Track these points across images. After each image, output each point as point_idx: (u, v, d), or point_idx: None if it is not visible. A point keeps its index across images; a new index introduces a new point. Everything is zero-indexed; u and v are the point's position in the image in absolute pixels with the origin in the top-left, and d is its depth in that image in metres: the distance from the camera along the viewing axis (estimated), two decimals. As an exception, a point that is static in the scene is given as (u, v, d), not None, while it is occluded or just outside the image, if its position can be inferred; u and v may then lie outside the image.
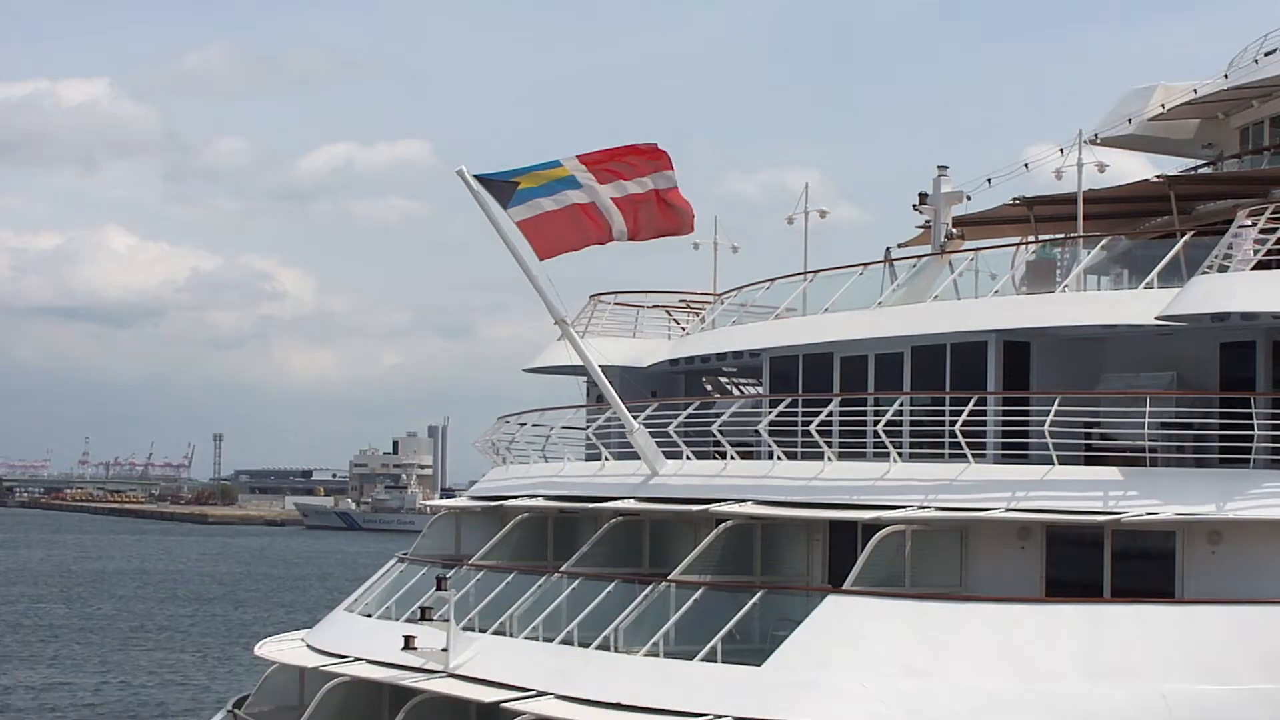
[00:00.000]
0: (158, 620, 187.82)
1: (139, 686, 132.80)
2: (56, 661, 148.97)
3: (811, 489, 33.51)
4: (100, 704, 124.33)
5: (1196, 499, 30.41)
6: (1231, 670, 28.57)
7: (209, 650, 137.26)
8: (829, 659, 29.40)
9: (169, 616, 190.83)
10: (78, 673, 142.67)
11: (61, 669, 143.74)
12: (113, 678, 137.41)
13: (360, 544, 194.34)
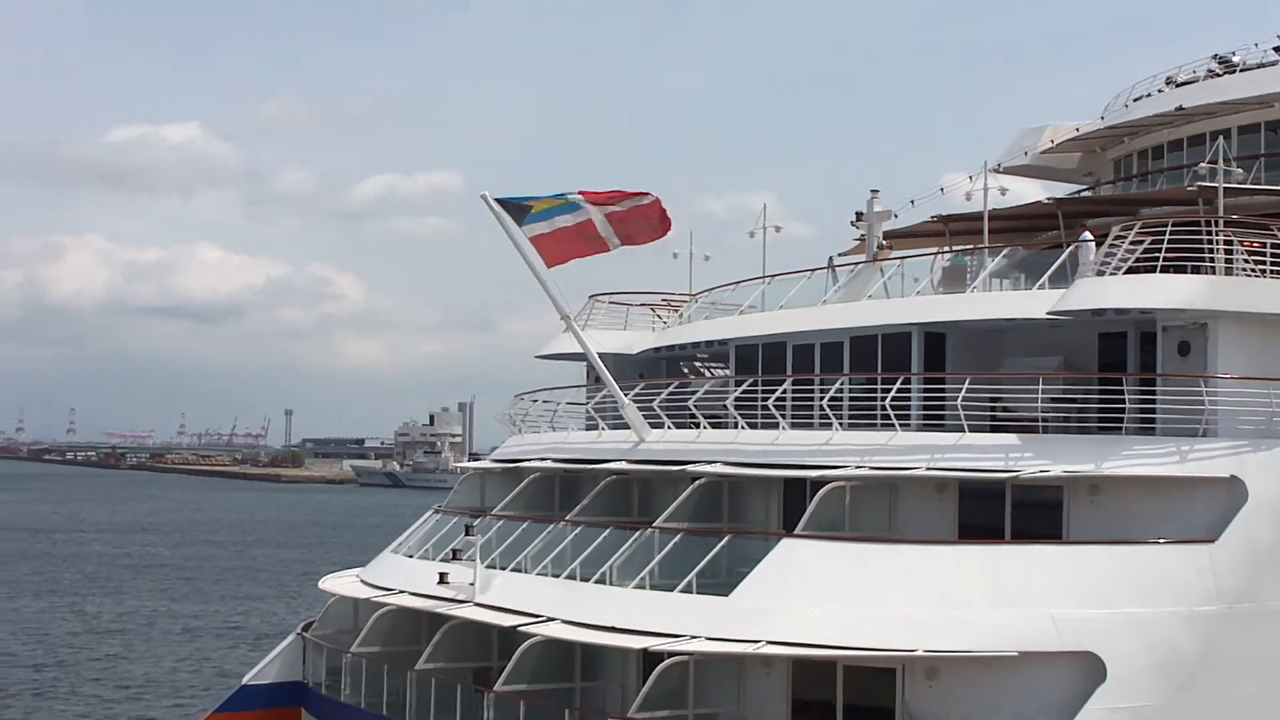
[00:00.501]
0: (242, 560, 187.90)
1: (228, 613, 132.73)
2: (164, 593, 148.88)
3: (769, 452, 33.73)
4: (199, 627, 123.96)
5: (1079, 459, 30.66)
6: (1108, 597, 28.81)
7: (283, 584, 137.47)
8: (784, 590, 29.66)
9: (251, 557, 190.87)
10: (182, 602, 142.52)
11: (168, 599, 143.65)
12: (209, 606, 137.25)
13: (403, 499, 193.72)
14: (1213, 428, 31.09)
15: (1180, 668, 28.69)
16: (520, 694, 31.75)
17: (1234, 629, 29.32)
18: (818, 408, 34.32)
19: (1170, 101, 46.93)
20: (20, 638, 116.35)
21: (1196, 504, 30.17)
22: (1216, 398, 31.29)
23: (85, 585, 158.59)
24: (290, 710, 39.94)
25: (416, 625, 36.22)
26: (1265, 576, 29.85)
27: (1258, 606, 29.70)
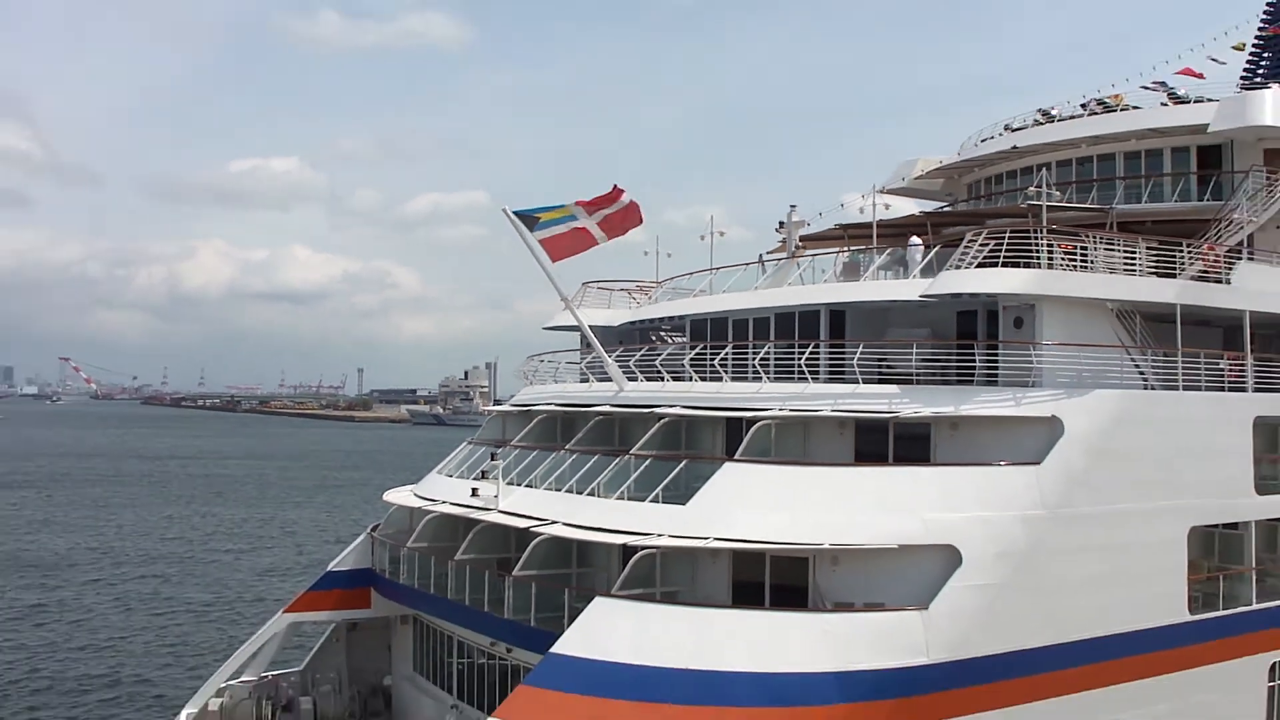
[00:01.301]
0: (330, 480, 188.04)
1: (317, 518, 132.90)
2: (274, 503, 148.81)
3: (715, 399, 33.61)
4: (297, 529, 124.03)
5: (942, 404, 30.58)
6: (963, 504, 28.83)
7: (361, 495, 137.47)
8: (726, 500, 29.58)
9: (335, 478, 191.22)
10: (284, 508, 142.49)
11: (273, 506, 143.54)
12: (303, 513, 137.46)
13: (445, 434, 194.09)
14: (1039, 380, 31.17)
15: (1015, 555, 28.70)
16: (532, 577, 31.70)
17: (1054, 527, 29.36)
18: (751, 366, 34.20)
19: (1007, 142, 46.98)
20: (168, 538, 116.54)
21: (1027, 436, 30.18)
22: (1041, 359, 31.49)
23: (213, 498, 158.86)
24: (362, 590, 39.90)
25: (455, 527, 36.10)
26: (1076, 489, 29.93)
27: (1071, 511, 29.76)
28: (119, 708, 56.30)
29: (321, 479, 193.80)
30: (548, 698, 26.59)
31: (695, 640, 26.81)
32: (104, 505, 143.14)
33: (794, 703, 26.05)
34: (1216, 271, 34.94)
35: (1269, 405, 35.46)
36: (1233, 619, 33.57)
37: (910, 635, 27.19)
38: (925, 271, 33.94)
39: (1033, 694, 28.75)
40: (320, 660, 41.15)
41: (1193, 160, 42.55)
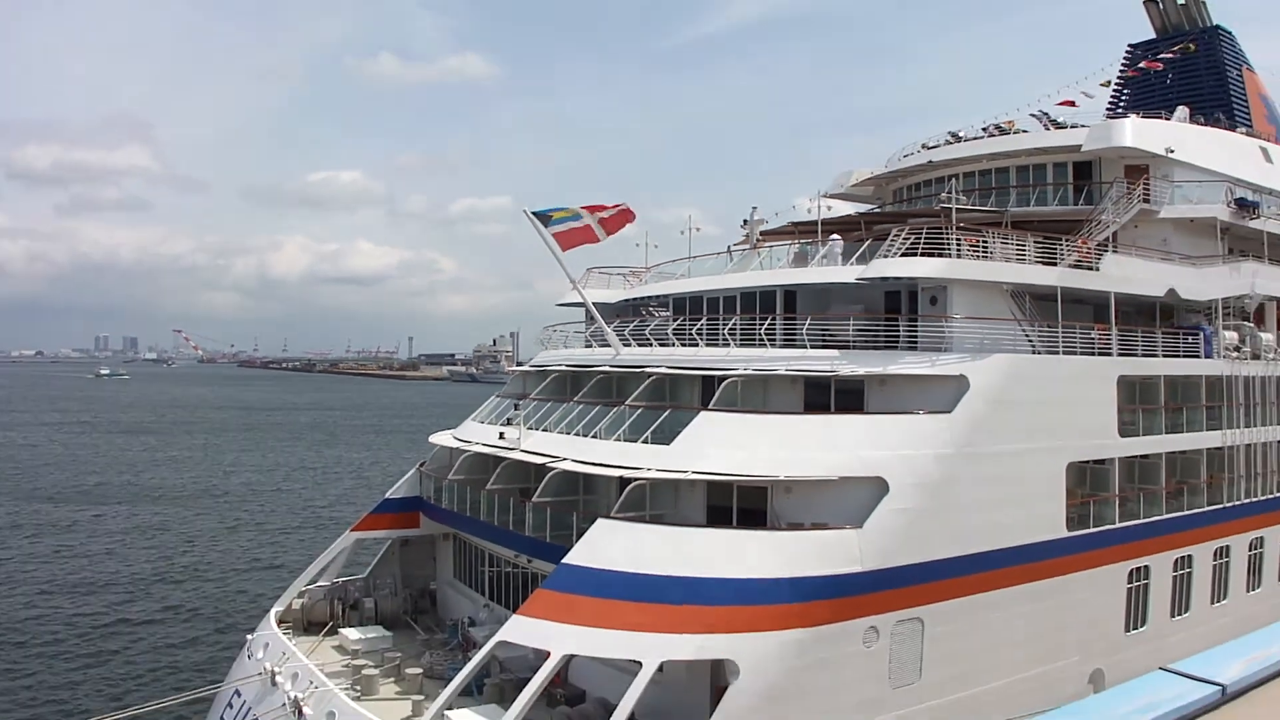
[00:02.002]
0: (388, 426, 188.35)
1: (377, 457, 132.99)
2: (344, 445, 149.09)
3: (693, 361, 33.31)
4: (360, 467, 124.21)
5: (874, 365, 30.30)
6: (890, 444, 28.62)
7: (412, 439, 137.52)
8: (703, 442, 29.29)
9: (391, 424, 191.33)
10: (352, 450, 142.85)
11: (342, 448, 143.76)
12: (365, 454, 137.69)
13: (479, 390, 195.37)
14: (949, 347, 30.97)
15: (930, 485, 28.57)
16: (547, 503, 31.52)
17: (961, 463, 29.21)
18: (721, 335, 33.96)
19: (924, 158, 46.85)
20: (261, 473, 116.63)
21: (942, 391, 29.95)
22: (952, 330, 31.34)
23: (292, 441, 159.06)
24: (413, 513, 39.71)
25: (486, 463, 35.85)
26: (979, 433, 29.76)
27: (975, 450, 29.59)
28: (225, 604, 56.58)
29: (379, 425, 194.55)
30: (560, 598, 26.54)
31: (677, 553, 26.69)
32: (211, 448, 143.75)
33: (755, 602, 25.93)
34: (1088, 261, 34.99)
35: (1129, 367, 35.50)
36: (1100, 535, 33.58)
37: (847, 549, 27.04)
38: (860, 260, 33.64)
39: (945, 595, 28.65)
40: (379, 569, 40.95)
41: (1070, 173, 42.64)
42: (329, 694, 29.11)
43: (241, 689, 32.90)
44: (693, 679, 27.07)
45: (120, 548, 72.00)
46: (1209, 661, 9.05)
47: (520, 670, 28.93)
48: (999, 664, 30.09)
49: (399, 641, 35.29)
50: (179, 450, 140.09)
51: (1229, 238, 42.94)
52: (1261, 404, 41.31)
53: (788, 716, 25.93)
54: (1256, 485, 40.64)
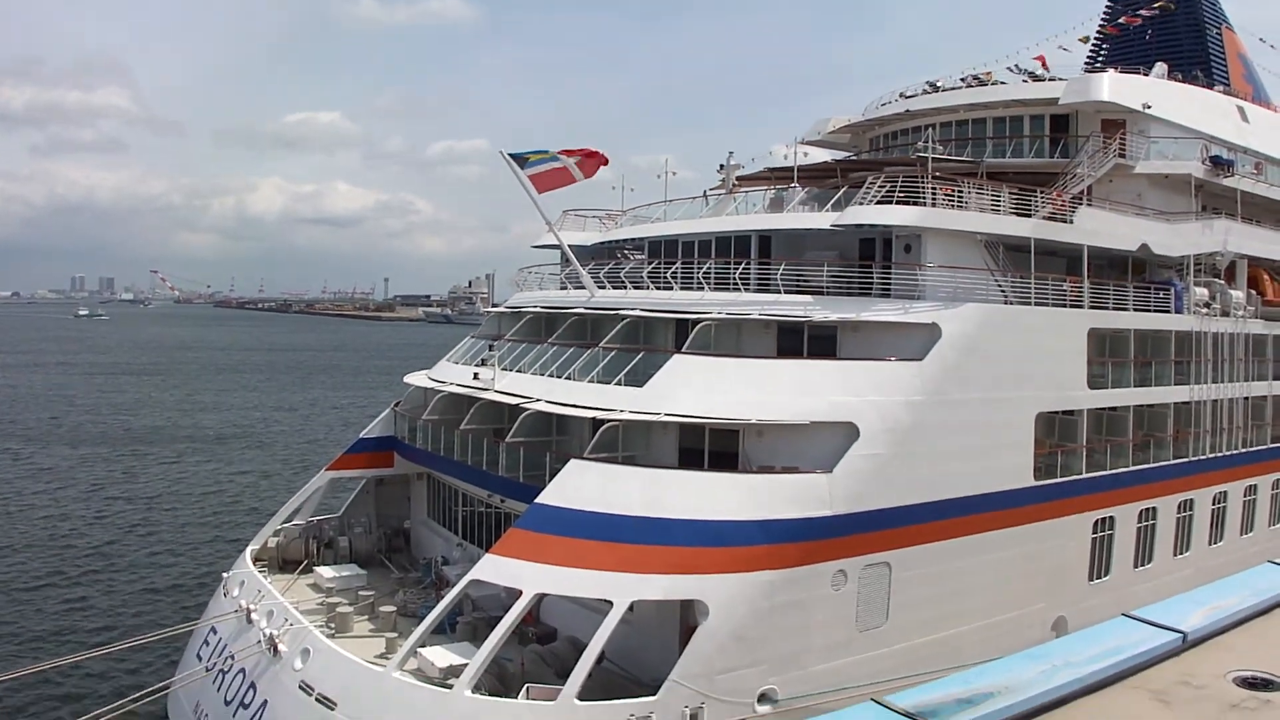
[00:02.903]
0: (363, 366, 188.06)
1: (354, 397, 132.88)
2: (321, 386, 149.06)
3: (667, 304, 33.24)
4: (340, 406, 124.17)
5: (847, 311, 30.32)
6: (861, 390, 28.70)
7: (386, 380, 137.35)
8: (676, 384, 29.31)
9: (366, 365, 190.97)
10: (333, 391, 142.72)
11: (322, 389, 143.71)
12: (343, 394, 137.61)
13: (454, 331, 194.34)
14: (922, 295, 31.07)
15: (900, 431, 28.67)
16: (521, 443, 31.52)
17: (931, 410, 29.33)
18: (696, 279, 33.87)
19: (902, 107, 46.81)
20: (237, 413, 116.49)
21: (912, 339, 30.02)
22: (925, 278, 31.42)
23: (268, 381, 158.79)
24: (387, 453, 39.75)
25: (460, 403, 35.80)
26: (949, 380, 29.90)
27: (945, 398, 29.72)
28: (200, 543, 56.58)
29: (355, 365, 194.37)
30: (532, 537, 26.61)
31: (649, 494, 26.75)
32: (190, 390, 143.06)
33: (725, 543, 26.05)
34: (1063, 214, 35.01)
35: (1100, 320, 35.66)
36: (1067, 485, 33.83)
37: (818, 492, 27.17)
38: (835, 206, 33.58)
39: (912, 540, 28.84)
40: (354, 508, 41.08)
41: (1046, 126, 42.63)
42: (304, 631, 29.14)
43: (218, 626, 32.96)
44: (662, 619, 27.25)
45: (99, 488, 71.78)
46: (1171, 609, 9.17)
47: (492, 609, 29.08)
48: (964, 609, 30.34)
49: (373, 580, 35.40)
50: (157, 391, 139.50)
51: (1203, 195, 43.09)
52: (1229, 360, 41.56)
53: (756, 657, 26.13)
54: (1221, 440, 40.97)
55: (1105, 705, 7.61)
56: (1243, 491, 42.23)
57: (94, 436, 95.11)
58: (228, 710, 29.33)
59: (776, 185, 38.90)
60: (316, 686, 26.96)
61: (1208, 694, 7.73)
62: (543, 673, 26.69)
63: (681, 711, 25.02)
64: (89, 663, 34.67)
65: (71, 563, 52.05)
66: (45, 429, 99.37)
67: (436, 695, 25.37)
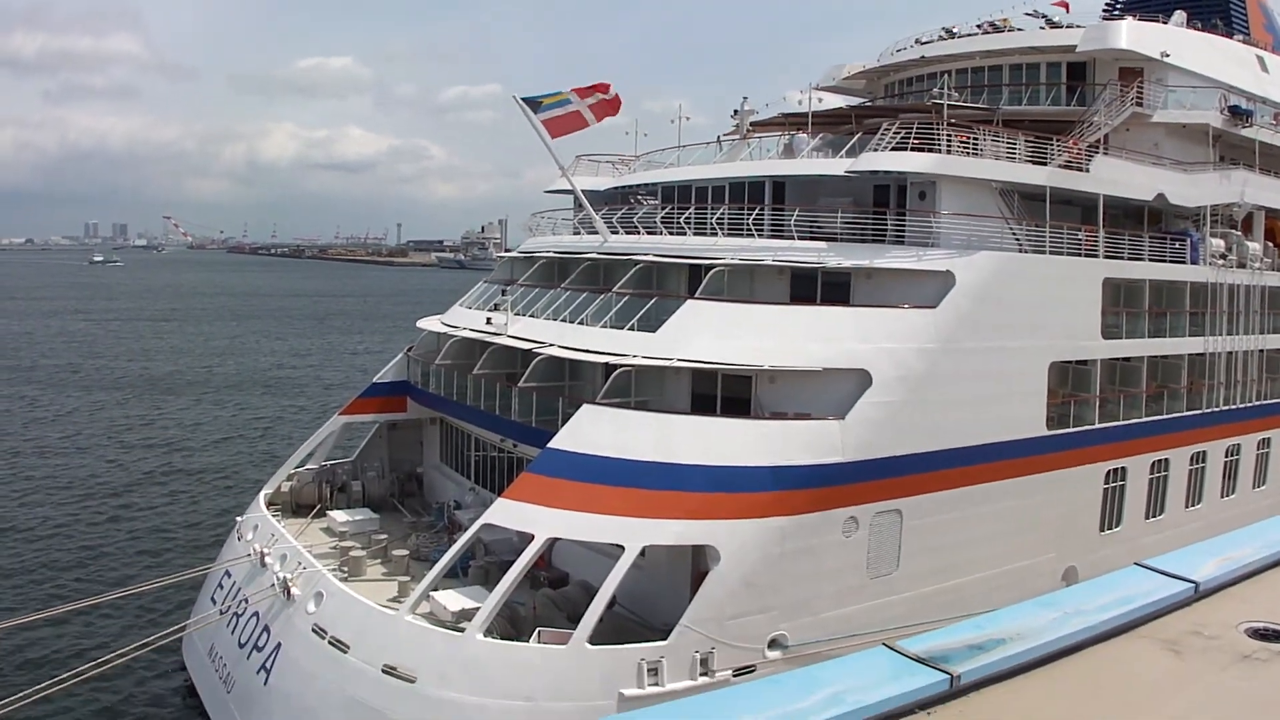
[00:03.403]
0: (378, 311, 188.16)
1: (368, 342, 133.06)
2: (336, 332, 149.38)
3: (680, 249, 33.03)
4: (355, 351, 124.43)
5: (860, 258, 30.15)
6: (874, 337, 28.56)
7: (399, 324, 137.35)
8: (688, 330, 29.18)
9: (381, 311, 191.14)
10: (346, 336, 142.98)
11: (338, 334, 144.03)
12: (355, 338, 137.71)
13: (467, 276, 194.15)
14: (937, 242, 30.81)
15: (913, 379, 28.56)
16: (534, 388, 31.50)
17: (943, 358, 29.19)
18: (710, 224, 33.67)
19: (917, 53, 46.35)
20: (251, 358, 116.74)
21: (927, 286, 29.81)
22: (939, 225, 31.12)
23: (282, 327, 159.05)
24: (400, 398, 39.74)
25: (473, 348, 35.73)
26: (962, 328, 29.74)
27: (958, 345, 29.59)
28: (215, 488, 56.80)
29: (371, 310, 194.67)
30: (545, 482, 26.62)
31: (661, 439, 26.72)
32: (205, 336, 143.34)
33: (738, 489, 26.04)
34: (1079, 162, 34.67)
35: (1115, 269, 35.37)
36: (1079, 435, 33.72)
37: (830, 439, 27.10)
38: (849, 153, 33.29)
39: (924, 488, 28.83)
40: (367, 452, 41.11)
41: (1063, 73, 42.07)
42: (317, 575, 29.23)
43: (232, 570, 33.10)
44: (674, 564, 27.26)
45: (115, 434, 72.05)
46: (1183, 559, 9.09)
47: (504, 553, 29.10)
48: (975, 558, 30.30)
49: (386, 524, 35.48)
50: (170, 338, 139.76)
51: (1220, 145, 42.64)
52: (1245, 312, 41.28)
53: (767, 603, 26.16)
54: (1235, 393, 40.77)
55: (1116, 654, 7.55)
56: (1256, 444, 42.07)
57: (110, 382, 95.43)
58: (242, 653, 29.49)
59: (791, 131, 38.60)
60: (329, 629, 27.09)
61: (1219, 644, 7.66)
62: (554, 617, 26.73)
63: (692, 656, 25.11)
64: (105, 606, 34.81)
65: (88, 507, 52.26)
66: (63, 376, 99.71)
67: (448, 639, 25.46)
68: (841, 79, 50.78)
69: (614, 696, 24.36)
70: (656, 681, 24.64)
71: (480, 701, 24.45)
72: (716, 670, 25.36)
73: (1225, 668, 7.30)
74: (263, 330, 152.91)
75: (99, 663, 27.57)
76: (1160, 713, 6.83)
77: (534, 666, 24.69)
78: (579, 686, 24.38)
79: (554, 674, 24.56)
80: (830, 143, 35.70)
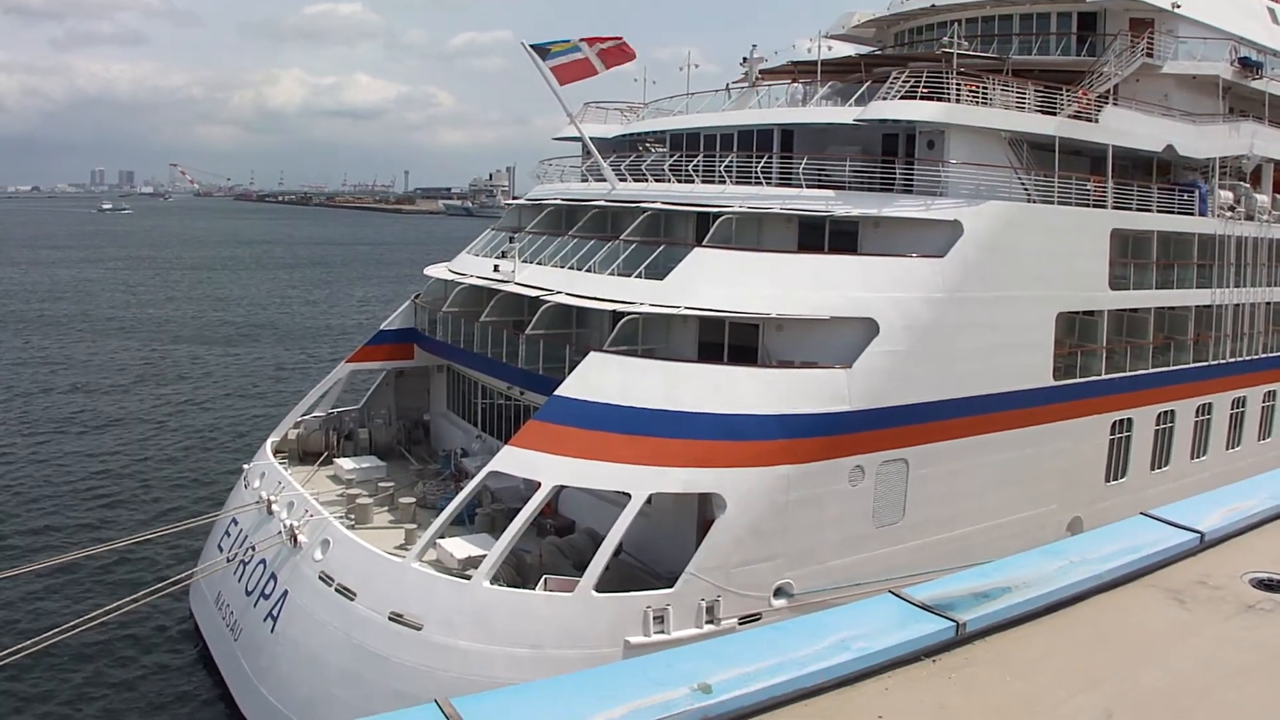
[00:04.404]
0: (388, 258, 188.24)
1: (374, 290, 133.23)
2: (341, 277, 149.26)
3: (688, 197, 32.88)
4: (360, 298, 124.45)
5: (869, 206, 29.97)
6: (882, 286, 28.44)
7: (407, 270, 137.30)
8: (695, 278, 29.03)
9: (391, 258, 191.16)
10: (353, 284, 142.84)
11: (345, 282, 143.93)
12: (362, 287, 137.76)
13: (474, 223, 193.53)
14: (945, 191, 30.61)
15: (920, 328, 28.44)
16: (540, 335, 31.44)
17: (951, 308, 29.05)
18: (717, 172, 33.44)
19: (928, 2, 45.68)
20: (264, 307, 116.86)
21: (935, 235, 29.62)
22: (948, 174, 30.93)
23: (290, 274, 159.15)
24: (407, 345, 39.64)
25: (480, 295, 35.60)
26: (970, 278, 29.57)
27: (965, 295, 29.42)
28: (223, 435, 56.89)
29: (380, 257, 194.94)
30: (551, 429, 26.57)
31: (668, 387, 26.65)
32: (213, 283, 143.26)
33: (745, 437, 25.97)
34: (1088, 113, 34.43)
35: (1123, 220, 35.17)
36: (1085, 385, 33.62)
37: (836, 387, 27.01)
38: (858, 101, 33.00)
39: (930, 437, 28.76)
40: (374, 400, 41.06)
41: (1074, 23, 41.63)
42: (323, 522, 29.25)
43: (239, 518, 33.13)
44: (680, 512, 27.22)
45: (117, 380, 72.20)
46: (1189, 509, 9.02)
47: (511, 500, 29.10)
48: (980, 508, 30.29)
49: (392, 471, 35.45)
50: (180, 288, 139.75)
51: (1230, 97, 42.29)
52: (1253, 265, 41.05)
53: (773, 551, 26.15)
54: (1242, 345, 40.62)
55: (1121, 602, 7.52)
56: (1262, 397, 41.96)
57: (120, 330, 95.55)
58: (249, 600, 29.55)
59: (800, 79, 38.30)
60: (336, 577, 27.13)
61: (1224, 594, 7.62)
62: (560, 564, 26.74)
63: (698, 604, 25.11)
64: (112, 553, 34.84)
65: (95, 455, 52.39)
66: (73, 323, 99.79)
67: (455, 586, 25.47)
68: (851, 27, 50.33)
69: (620, 644, 24.40)
70: (662, 629, 24.66)
71: (486, 649, 24.48)
72: (722, 618, 25.38)
73: (1229, 617, 7.28)
74: (270, 277, 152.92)
75: (106, 610, 27.57)
76: (1164, 662, 6.80)
77: (540, 614, 24.71)
78: (585, 634, 24.40)
79: (560, 621, 24.59)
80: (839, 91, 35.41)
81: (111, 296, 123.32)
